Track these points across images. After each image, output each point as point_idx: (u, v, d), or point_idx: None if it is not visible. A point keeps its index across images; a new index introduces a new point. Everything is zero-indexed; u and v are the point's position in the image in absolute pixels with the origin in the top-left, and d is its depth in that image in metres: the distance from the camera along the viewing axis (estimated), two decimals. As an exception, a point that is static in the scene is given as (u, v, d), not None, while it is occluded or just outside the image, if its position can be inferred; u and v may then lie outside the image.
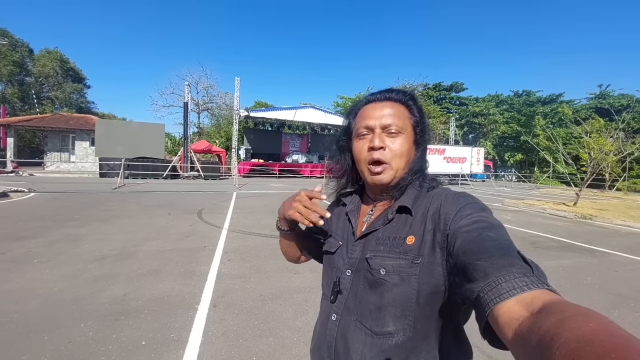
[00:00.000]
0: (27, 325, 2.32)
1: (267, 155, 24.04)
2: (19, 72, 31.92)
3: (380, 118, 0.67)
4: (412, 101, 0.71)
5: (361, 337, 0.62)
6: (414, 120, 0.70)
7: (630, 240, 6.24)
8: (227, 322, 2.52)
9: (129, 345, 2.14)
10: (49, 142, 20.72)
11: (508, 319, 0.38)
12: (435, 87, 37.56)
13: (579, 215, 8.87)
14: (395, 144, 0.67)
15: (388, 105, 0.69)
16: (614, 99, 31.15)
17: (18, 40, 32.42)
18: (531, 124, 32.50)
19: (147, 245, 4.46)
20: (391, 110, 0.68)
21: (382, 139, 0.67)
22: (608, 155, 10.96)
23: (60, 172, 18.69)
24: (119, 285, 3.09)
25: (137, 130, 15.51)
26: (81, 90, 38.35)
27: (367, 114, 0.70)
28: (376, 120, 0.68)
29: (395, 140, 0.67)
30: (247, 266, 3.80)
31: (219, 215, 6.92)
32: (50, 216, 6.06)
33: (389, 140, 0.67)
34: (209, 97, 32.44)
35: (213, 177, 18.50)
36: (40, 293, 2.84)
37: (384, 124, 0.67)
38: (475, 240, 0.50)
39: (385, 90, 0.72)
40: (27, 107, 32.20)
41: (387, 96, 0.70)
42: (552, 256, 4.79)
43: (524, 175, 30.32)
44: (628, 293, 3.40)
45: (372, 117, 0.68)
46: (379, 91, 0.72)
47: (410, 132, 0.69)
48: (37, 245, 4.23)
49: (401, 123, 0.67)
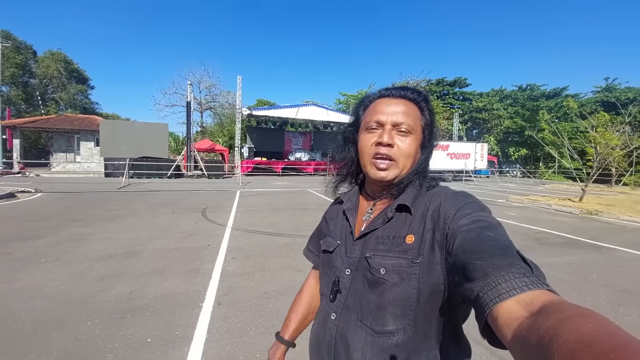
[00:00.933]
0: (34, 323, 2.35)
1: (270, 153, 24.07)
2: (23, 74, 32.19)
3: (393, 115, 0.66)
4: (425, 102, 0.70)
5: (362, 335, 0.62)
6: (425, 122, 0.69)
7: (636, 236, 6.16)
8: (231, 319, 2.54)
9: (135, 343, 2.16)
10: (55, 143, 20.95)
11: (507, 319, 0.38)
12: (438, 82, 37.22)
13: (584, 211, 8.77)
14: (404, 143, 0.66)
15: (402, 103, 0.68)
16: (620, 92, 30.63)
17: (22, 43, 32.68)
18: (535, 118, 32.08)
19: (152, 243, 4.50)
20: (404, 109, 0.67)
21: (392, 136, 0.66)
22: (614, 150, 10.81)
23: (66, 172, 18.90)
24: (125, 283, 3.12)
25: (141, 130, 15.63)
26: (85, 91, 38.73)
27: (379, 108, 0.68)
28: (388, 117, 0.67)
29: (404, 140, 0.66)
30: (251, 264, 3.82)
31: (223, 214, 6.96)
32: (56, 216, 6.14)
33: (398, 139, 0.66)
34: (211, 96, 32.60)
35: (216, 175, 18.59)
36: (47, 292, 2.89)
37: (396, 121, 0.66)
38: (474, 239, 0.50)
39: (401, 88, 0.70)
40: (32, 109, 32.51)
41: (402, 94, 0.69)
42: (558, 252, 4.75)
43: (529, 171, 30.06)
44: (634, 289, 3.36)
45: (385, 112, 0.67)
46: (394, 87, 0.71)
47: (419, 133, 0.68)
48: (45, 244, 4.29)
49: (412, 123, 0.67)
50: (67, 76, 35.88)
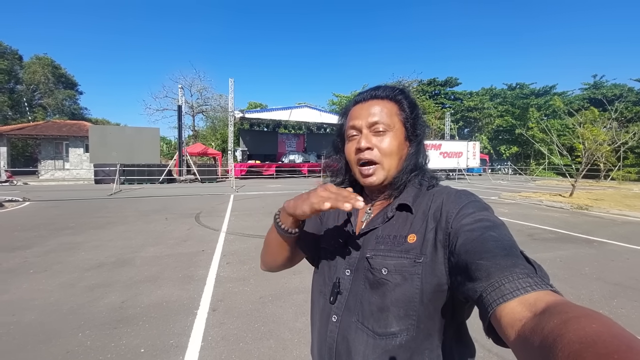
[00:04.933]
0: (24, 336, 2.28)
1: (264, 156, 23.98)
2: (9, 80, 31.52)
3: (367, 117, 0.66)
4: (402, 95, 0.69)
5: (363, 338, 0.61)
6: (404, 116, 0.68)
7: (626, 229, 6.29)
8: (227, 325, 2.50)
9: (128, 353, 2.11)
10: (43, 150, 20.53)
11: (511, 320, 0.38)
12: (429, 82, 37.59)
13: (575, 206, 8.93)
14: (383, 143, 0.65)
15: (374, 104, 0.67)
16: (607, 89, 31.36)
17: (7, 48, 32.01)
18: (525, 116, 32.68)
19: (144, 251, 4.43)
20: (377, 108, 0.66)
21: (369, 139, 0.65)
22: (602, 146, 11.05)
23: (55, 180, 18.54)
24: (117, 292, 3.06)
25: (132, 135, 15.45)
26: (73, 96, 38.02)
27: (354, 114, 0.69)
28: (362, 120, 0.66)
29: (383, 139, 0.65)
30: (246, 268, 3.78)
31: (217, 218, 6.89)
32: (45, 225, 6.00)
33: (376, 140, 0.65)
34: (203, 99, 32.34)
35: (210, 179, 18.41)
36: (36, 304, 2.81)
37: (370, 122, 0.66)
38: (477, 239, 0.49)
39: (372, 89, 0.70)
40: (19, 116, 31.83)
41: (372, 94, 0.69)
42: (550, 247, 4.82)
43: (520, 168, 30.52)
44: (625, 282, 3.42)
45: (359, 117, 0.67)
46: (366, 90, 0.71)
47: (400, 128, 0.67)
48: (33, 255, 4.18)
49: (388, 120, 0.66)
50: (54, 81, 35.18)
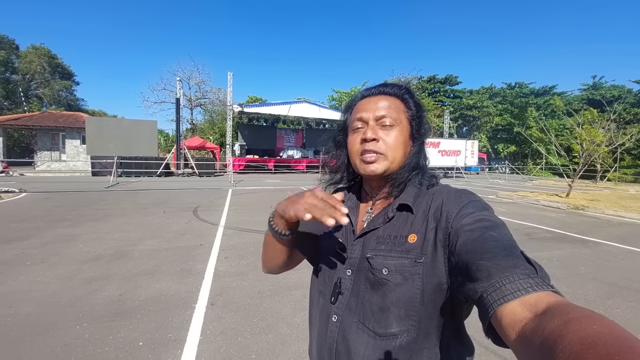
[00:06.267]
0: (21, 328, 2.28)
1: (262, 150, 23.92)
2: (5, 70, 31.04)
3: (374, 110, 0.66)
4: (408, 94, 0.70)
5: (363, 338, 0.60)
6: (410, 114, 0.68)
7: (621, 230, 6.35)
8: (225, 320, 2.51)
9: (126, 346, 2.11)
10: (39, 141, 20.33)
11: (511, 320, 0.38)
12: (429, 80, 37.52)
13: (571, 206, 9.00)
14: (389, 136, 0.65)
15: (382, 99, 0.68)
16: (605, 90, 31.47)
17: (3, 37, 31.49)
18: (524, 115, 32.73)
19: (142, 244, 4.41)
20: (385, 103, 0.67)
21: (375, 130, 0.65)
22: (600, 147, 11.10)
23: (52, 171, 18.39)
24: (115, 285, 3.05)
25: (129, 127, 15.32)
26: (70, 87, 37.51)
27: (361, 107, 0.69)
28: (370, 113, 0.67)
29: (390, 133, 0.65)
30: (244, 263, 3.78)
31: (215, 213, 6.88)
32: (42, 216, 5.96)
33: (382, 133, 0.65)
34: (201, 92, 31.99)
35: (208, 174, 18.34)
36: (34, 295, 2.80)
37: (377, 115, 0.66)
38: (478, 239, 0.49)
39: (380, 85, 0.71)
40: (15, 106, 31.41)
41: (381, 90, 0.69)
42: (547, 247, 4.86)
43: (517, 167, 30.65)
44: (620, 282, 3.46)
45: (366, 109, 0.67)
46: (374, 85, 0.72)
47: (405, 125, 0.68)
48: (30, 246, 4.16)
49: (396, 115, 0.66)
50: (51, 72, 34.68)
